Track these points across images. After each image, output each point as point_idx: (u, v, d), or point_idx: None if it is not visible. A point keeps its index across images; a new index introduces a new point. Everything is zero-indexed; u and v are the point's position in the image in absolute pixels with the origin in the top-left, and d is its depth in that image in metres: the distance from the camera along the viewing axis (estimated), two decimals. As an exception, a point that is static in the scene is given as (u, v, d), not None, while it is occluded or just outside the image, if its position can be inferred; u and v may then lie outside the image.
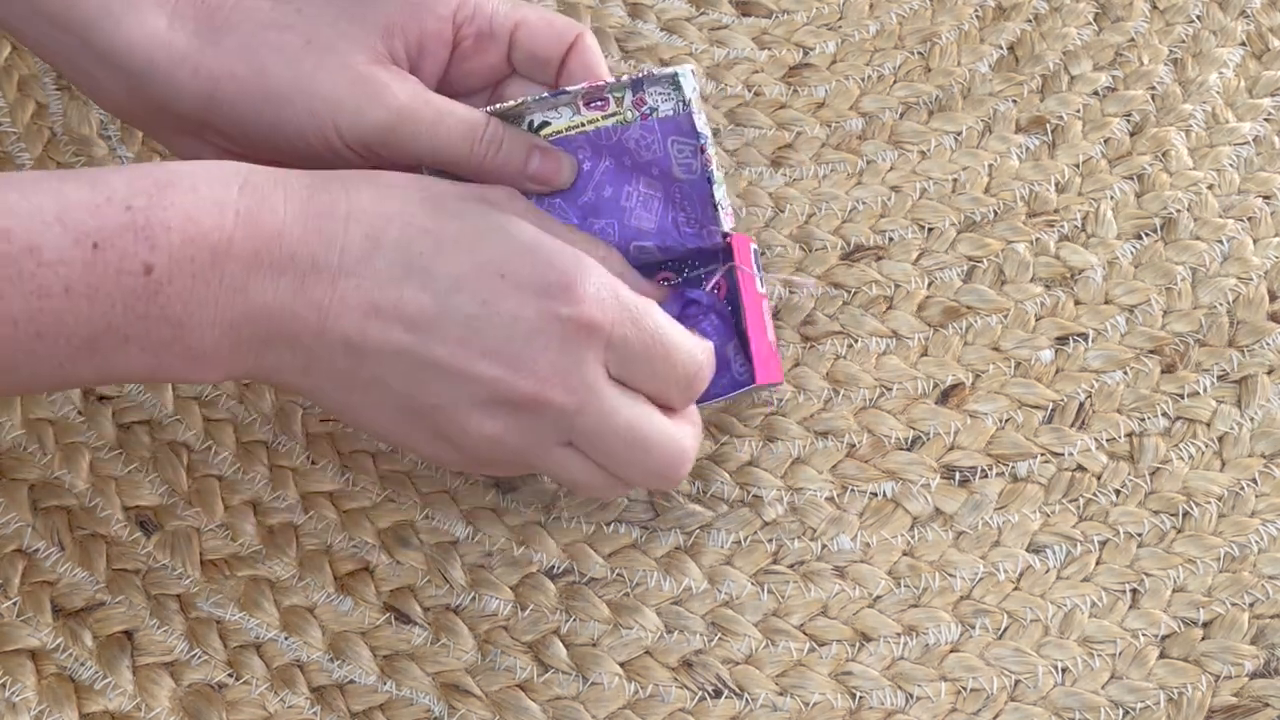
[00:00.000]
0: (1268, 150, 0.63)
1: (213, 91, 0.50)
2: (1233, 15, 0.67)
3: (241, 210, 0.44)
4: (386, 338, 0.45)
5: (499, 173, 0.52)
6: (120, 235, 0.42)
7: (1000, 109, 0.65)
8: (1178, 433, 0.57)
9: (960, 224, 0.62)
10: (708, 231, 0.55)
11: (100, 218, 0.42)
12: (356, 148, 0.51)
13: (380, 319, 0.45)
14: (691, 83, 0.53)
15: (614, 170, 0.55)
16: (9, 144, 0.65)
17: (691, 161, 0.54)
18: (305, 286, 0.44)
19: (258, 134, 0.51)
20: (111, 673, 0.53)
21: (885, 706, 0.53)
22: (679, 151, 0.54)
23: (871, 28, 0.68)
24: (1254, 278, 0.60)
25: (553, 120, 0.54)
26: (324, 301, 0.44)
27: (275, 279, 0.44)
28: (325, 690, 0.53)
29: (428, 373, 0.45)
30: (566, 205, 0.55)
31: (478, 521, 0.56)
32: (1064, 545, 0.55)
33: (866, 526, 0.56)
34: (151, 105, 0.51)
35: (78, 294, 0.42)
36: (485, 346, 0.45)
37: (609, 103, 0.54)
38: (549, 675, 0.53)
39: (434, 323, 0.45)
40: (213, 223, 0.43)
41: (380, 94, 0.50)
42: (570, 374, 0.46)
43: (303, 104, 0.50)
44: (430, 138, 0.51)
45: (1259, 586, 0.54)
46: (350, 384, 0.46)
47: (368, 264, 0.45)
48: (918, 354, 0.59)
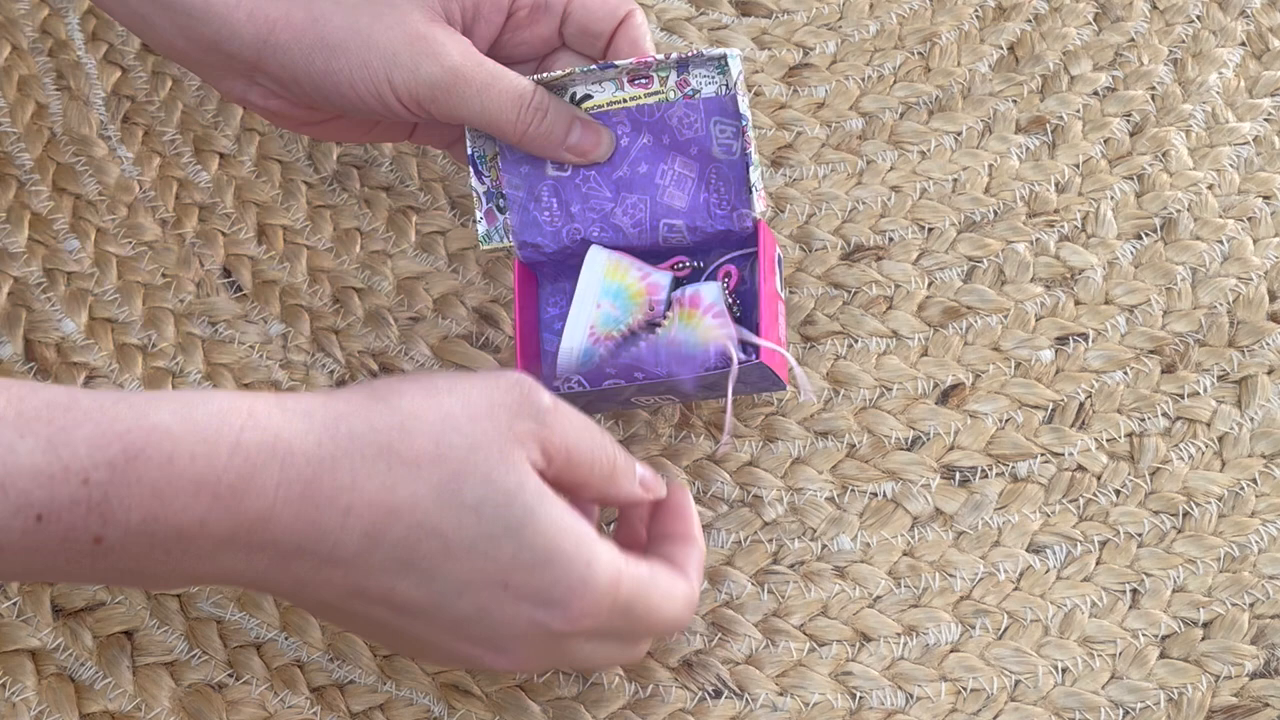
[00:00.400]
0: (1268, 150, 0.63)
1: (267, 36, 0.50)
2: (1233, 15, 0.67)
3: (223, 492, 0.39)
4: (369, 613, 0.43)
5: (541, 140, 0.53)
6: (70, 510, 0.37)
7: (1000, 109, 0.65)
8: (1178, 433, 0.57)
9: (960, 224, 0.62)
10: (738, 215, 0.55)
11: (51, 489, 0.37)
12: (408, 102, 0.51)
13: (365, 600, 0.42)
14: (738, 65, 0.54)
15: (652, 147, 0.56)
16: (9, 144, 0.65)
17: (732, 143, 0.55)
18: (285, 564, 0.41)
19: (309, 81, 0.51)
20: (111, 673, 0.53)
21: (885, 706, 0.53)
22: (721, 131, 0.55)
23: (871, 28, 0.68)
24: (1254, 278, 0.60)
25: (595, 94, 0.55)
26: (305, 578, 0.41)
27: (249, 556, 0.40)
28: (325, 690, 0.53)
29: (408, 636, 0.44)
30: (601, 179, 0.56)
31: (478, 521, 0.56)
32: (1064, 545, 0.55)
33: (866, 526, 0.56)
34: (204, 45, 0.51)
35: (13, 553, 0.38)
36: (473, 636, 0.44)
37: (653, 80, 0.55)
38: (549, 675, 0.53)
39: (424, 614, 0.43)
40: (184, 504, 0.38)
41: (435, 52, 0.51)
42: (545, 657, 0.46)
43: (357, 54, 0.50)
44: (479, 100, 0.51)
45: (1259, 586, 0.54)
46: (330, 614, 0.45)
47: (362, 559, 0.41)
48: (918, 354, 0.59)
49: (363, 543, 0.40)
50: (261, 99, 0.54)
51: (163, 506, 0.38)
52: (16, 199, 0.63)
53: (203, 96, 0.66)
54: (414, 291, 0.61)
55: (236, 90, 0.54)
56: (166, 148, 0.65)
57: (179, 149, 0.65)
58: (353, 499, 0.40)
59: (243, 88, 0.54)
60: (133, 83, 0.67)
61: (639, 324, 0.55)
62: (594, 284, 0.55)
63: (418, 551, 0.41)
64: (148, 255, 0.62)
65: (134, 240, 0.63)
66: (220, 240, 0.63)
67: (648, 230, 0.56)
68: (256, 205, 0.64)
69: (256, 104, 0.55)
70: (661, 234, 0.56)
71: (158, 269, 0.62)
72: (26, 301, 0.61)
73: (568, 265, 0.56)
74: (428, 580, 0.42)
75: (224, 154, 0.65)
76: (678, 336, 0.54)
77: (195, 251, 0.62)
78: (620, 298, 0.55)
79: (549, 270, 0.57)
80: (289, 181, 0.64)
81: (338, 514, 0.40)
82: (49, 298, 0.61)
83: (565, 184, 0.56)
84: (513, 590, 0.42)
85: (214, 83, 0.55)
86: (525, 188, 0.56)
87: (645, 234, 0.56)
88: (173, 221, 0.63)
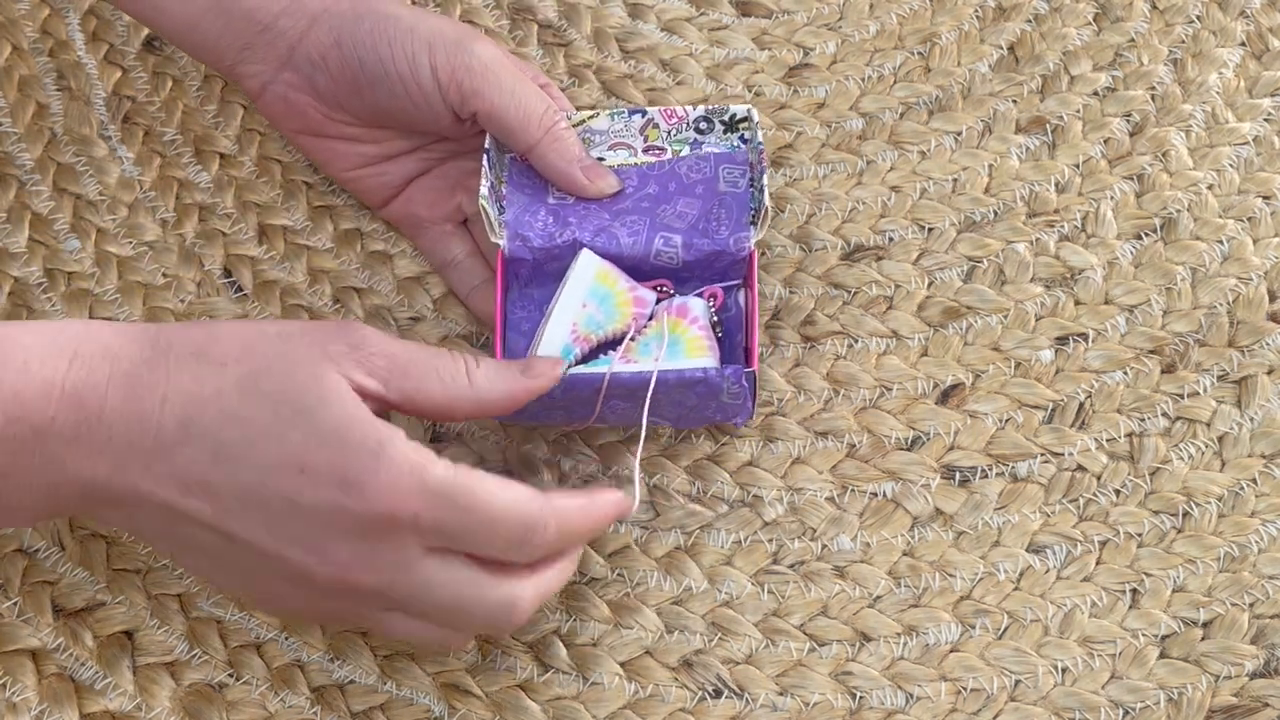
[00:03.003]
0: (1268, 150, 0.63)
1: (331, 4, 0.56)
2: (1233, 15, 0.67)
3: (67, 388, 0.45)
4: (200, 510, 0.45)
5: (560, 147, 0.57)
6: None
7: (1000, 109, 0.65)
8: (1178, 433, 0.57)
9: (960, 224, 0.62)
10: (735, 239, 0.56)
11: None
12: (444, 78, 0.56)
13: (193, 496, 0.45)
14: (756, 130, 0.58)
15: (656, 194, 0.58)
16: (9, 144, 0.65)
17: (739, 180, 0.58)
18: (122, 467, 0.45)
19: (351, 48, 0.56)
20: (111, 673, 0.53)
21: (885, 706, 0.53)
22: (728, 173, 0.58)
23: (871, 28, 0.68)
24: (1254, 278, 0.60)
25: (608, 158, 0.59)
26: (139, 483, 0.45)
27: (93, 458, 0.45)
28: (325, 690, 0.53)
29: (237, 548, 0.46)
30: (601, 207, 0.58)
31: (478, 521, 0.56)
32: (1064, 545, 0.55)
33: (866, 526, 0.56)
34: (247, 21, 0.56)
35: None
36: (290, 534, 0.45)
37: (666, 151, 0.59)
38: (549, 675, 0.53)
39: (242, 511, 0.45)
40: (37, 403, 0.44)
41: (477, 41, 0.56)
42: (373, 559, 0.45)
43: (407, 22, 0.56)
44: (514, 86, 0.56)
45: (1259, 586, 0.54)
46: (172, 540, 0.47)
47: (180, 449, 0.45)
48: (918, 354, 0.59)
49: (178, 432, 0.45)
50: (285, 88, 0.57)
51: (20, 407, 0.44)
52: (17, 199, 0.63)
53: (203, 97, 0.66)
54: (414, 291, 0.61)
55: (262, 76, 0.56)
56: (167, 148, 0.65)
57: (179, 149, 0.65)
58: (168, 390, 0.45)
59: (270, 74, 0.56)
60: (133, 83, 0.67)
61: (617, 333, 0.55)
62: (583, 284, 0.55)
63: (224, 440, 0.45)
64: (148, 255, 0.62)
65: (134, 240, 0.63)
66: (221, 240, 0.63)
67: (643, 243, 0.56)
68: (257, 205, 0.64)
69: (278, 94, 0.57)
70: (656, 248, 0.56)
71: (158, 269, 0.62)
72: (27, 301, 0.61)
73: (546, 270, 0.57)
74: (236, 470, 0.45)
75: (224, 154, 0.65)
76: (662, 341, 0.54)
77: (196, 252, 0.62)
78: (606, 303, 0.55)
79: (525, 273, 0.57)
80: (289, 182, 0.64)
81: (156, 402, 0.45)
82: (49, 298, 0.61)
83: (565, 209, 0.57)
84: (309, 474, 0.44)
85: (236, 68, 0.57)
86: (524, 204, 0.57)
87: (640, 245, 0.56)
88: (173, 222, 0.63)
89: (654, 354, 0.54)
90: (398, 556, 0.45)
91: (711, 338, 0.55)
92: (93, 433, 0.45)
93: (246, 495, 0.45)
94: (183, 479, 0.45)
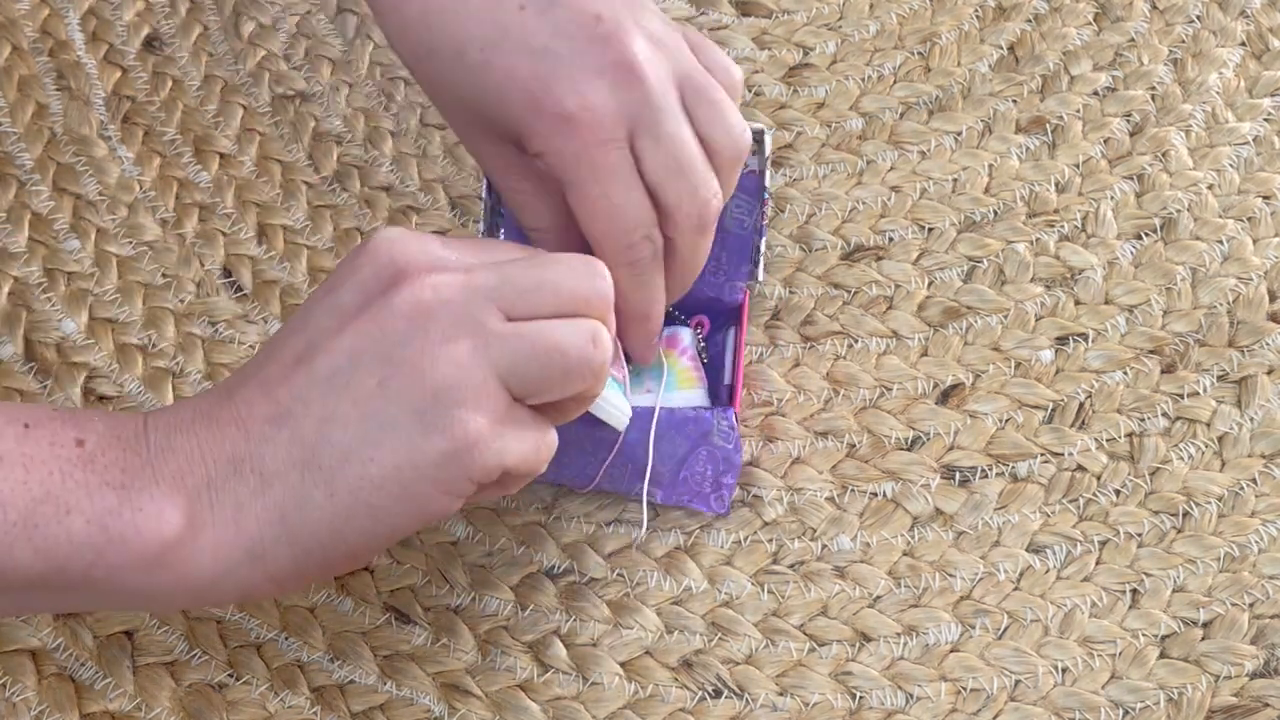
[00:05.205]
0: (1268, 150, 0.63)
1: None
2: (1233, 15, 0.67)
3: (146, 413, 0.45)
4: (292, 383, 0.43)
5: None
6: (49, 420, 0.43)
7: (1000, 109, 0.65)
8: (1178, 433, 0.57)
9: (960, 224, 0.62)
10: (730, 287, 0.56)
11: (28, 409, 0.43)
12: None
13: (278, 383, 0.43)
14: (769, 144, 0.56)
15: None
16: (9, 144, 0.65)
17: (745, 219, 0.56)
18: (216, 417, 0.44)
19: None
20: (111, 673, 0.53)
21: (885, 706, 0.53)
22: (737, 206, 0.57)
23: (871, 28, 0.68)
24: (1254, 278, 0.60)
25: None
26: (234, 413, 0.43)
27: (192, 428, 0.43)
28: (326, 690, 0.53)
29: (344, 367, 0.43)
30: None
31: (478, 522, 0.56)
32: (1064, 545, 0.55)
33: (866, 526, 0.56)
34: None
35: (12, 461, 0.41)
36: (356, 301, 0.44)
37: None
38: (549, 675, 0.53)
39: (313, 337, 0.44)
40: (125, 417, 0.44)
41: None
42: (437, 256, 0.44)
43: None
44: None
45: (1259, 586, 0.54)
46: (307, 449, 0.43)
47: (248, 375, 0.44)
48: (918, 354, 0.59)
49: (253, 367, 0.44)
50: None
51: (117, 416, 0.44)
52: (17, 199, 0.63)
53: (203, 97, 0.66)
54: (414, 291, 0.61)
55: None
56: (167, 148, 0.65)
57: (179, 149, 0.65)
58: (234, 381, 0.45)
59: None
60: (133, 83, 0.67)
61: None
62: None
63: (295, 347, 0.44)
64: (148, 255, 0.62)
65: (134, 240, 0.63)
66: (220, 240, 0.63)
67: None
68: (257, 205, 0.64)
69: None
70: None
71: (158, 269, 0.62)
72: (26, 301, 0.61)
73: None
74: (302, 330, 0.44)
75: (224, 154, 0.65)
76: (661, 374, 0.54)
77: (195, 251, 0.62)
78: None
79: None
80: (289, 181, 0.64)
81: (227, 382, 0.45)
82: (49, 298, 0.61)
83: None
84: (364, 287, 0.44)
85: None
86: None
87: None
88: (173, 221, 0.63)
89: (646, 386, 0.54)
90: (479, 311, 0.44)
91: (699, 367, 0.56)
92: (183, 415, 0.44)
93: (314, 320, 0.44)
94: (267, 377, 0.43)
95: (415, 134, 0.65)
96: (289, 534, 0.42)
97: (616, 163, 0.48)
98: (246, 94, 0.66)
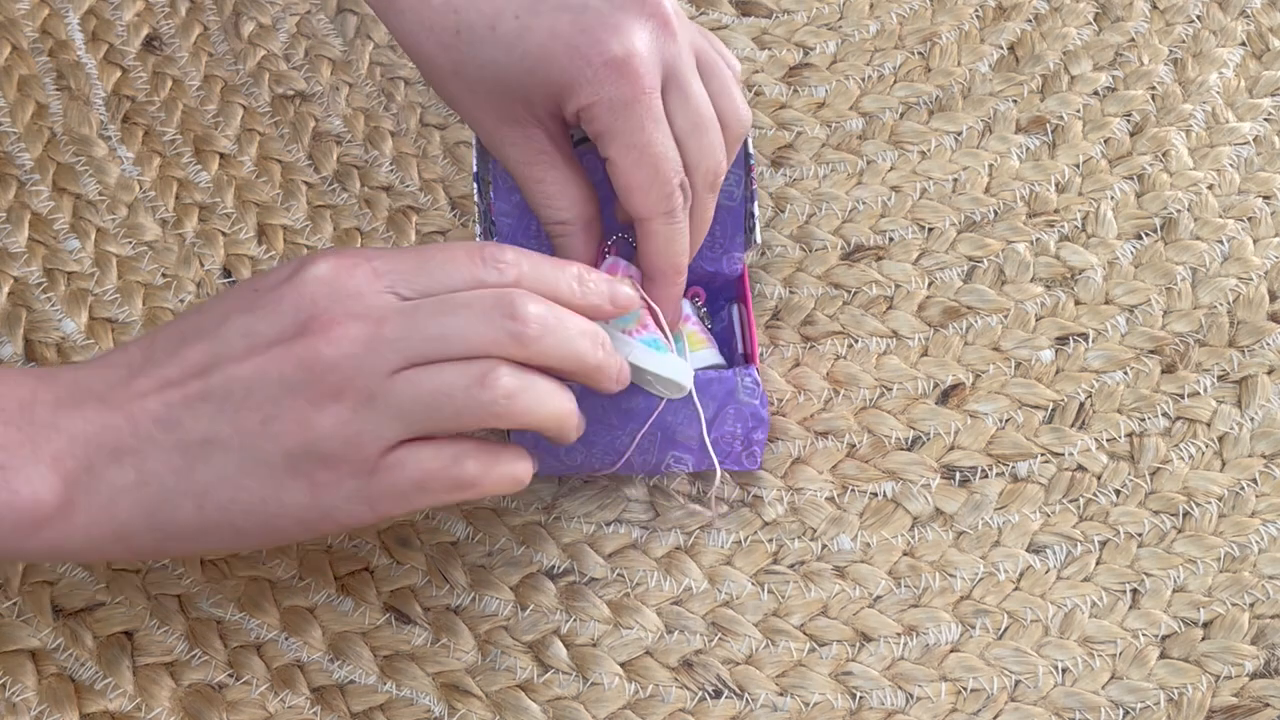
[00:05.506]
0: (1268, 150, 0.63)
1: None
2: (1233, 15, 0.67)
3: (42, 372, 0.46)
4: (186, 393, 0.45)
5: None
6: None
7: (1000, 109, 0.65)
8: (1178, 433, 0.57)
9: (960, 224, 0.62)
10: (729, 258, 0.56)
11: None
12: None
13: (175, 387, 0.45)
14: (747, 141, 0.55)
15: None
16: (9, 144, 0.65)
17: (734, 189, 0.56)
18: (106, 403, 0.45)
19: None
20: (111, 673, 0.53)
21: (885, 706, 0.53)
22: (726, 180, 0.55)
23: (871, 28, 0.68)
24: (1254, 278, 0.60)
25: None
26: (125, 401, 0.45)
27: (81, 410, 0.45)
28: (325, 690, 0.53)
29: (237, 395, 0.45)
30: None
31: (478, 522, 0.56)
32: (1064, 545, 0.55)
33: (866, 526, 0.56)
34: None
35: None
36: (267, 336, 0.45)
37: None
38: (549, 675, 0.53)
39: (217, 352, 0.45)
40: (16, 382, 0.45)
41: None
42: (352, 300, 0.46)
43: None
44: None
45: (1259, 586, 0.54)
46: (187, 461, 0.45)
47: (149, 359, 0.46)
48: (918, 354, 0.59)
49: (142, 352, 0.46)
50: None
51: (4, 382, 0.45)
52: (16, 199, 0.63)
53: (203, 97, 0.66)
54: (414, 291, 0.61)
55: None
56: (167, 148, 0.65)
57: (179, 149, 0.65)
58: (128, 346, 0.47)
59: None
60: (133, 83, 0.67)
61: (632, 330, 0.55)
62: None
63: (183, 331, 0.46)
64: (148, 255, 0.62)
65: (134, 240, 0.63)
66: (220, 240, 0.63)
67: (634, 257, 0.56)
68: (257, 205, 0.64)
69: None
70: None
71: (158, 269, 0.62)
72: (26, 301, 0.61)
73: None
74: (200, 334, 0.46)
75: (224, 154, 0.65)
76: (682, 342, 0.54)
77: (195, 251, 0.62)
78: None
79: None
80: (289, 181, 0.64)
81: (120, 352, 0.47)
82: (49, 298, 0.61)
83: None
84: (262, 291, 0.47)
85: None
86: (515, 215, 0.56)
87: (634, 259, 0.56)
88: (173, 221, 0.63)
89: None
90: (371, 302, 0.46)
91: (705, 330, 0.56)
92: (72, 393, 0.45)
93: (217, 340, 0.45)
94: (161, 377, 0.45)
95: (415, 134, 0.65)
96: (156, 529, 0.45)
97: (659, 110, 0.49)
98: (246, 94, 0.66)
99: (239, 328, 0.45)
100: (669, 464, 0.54)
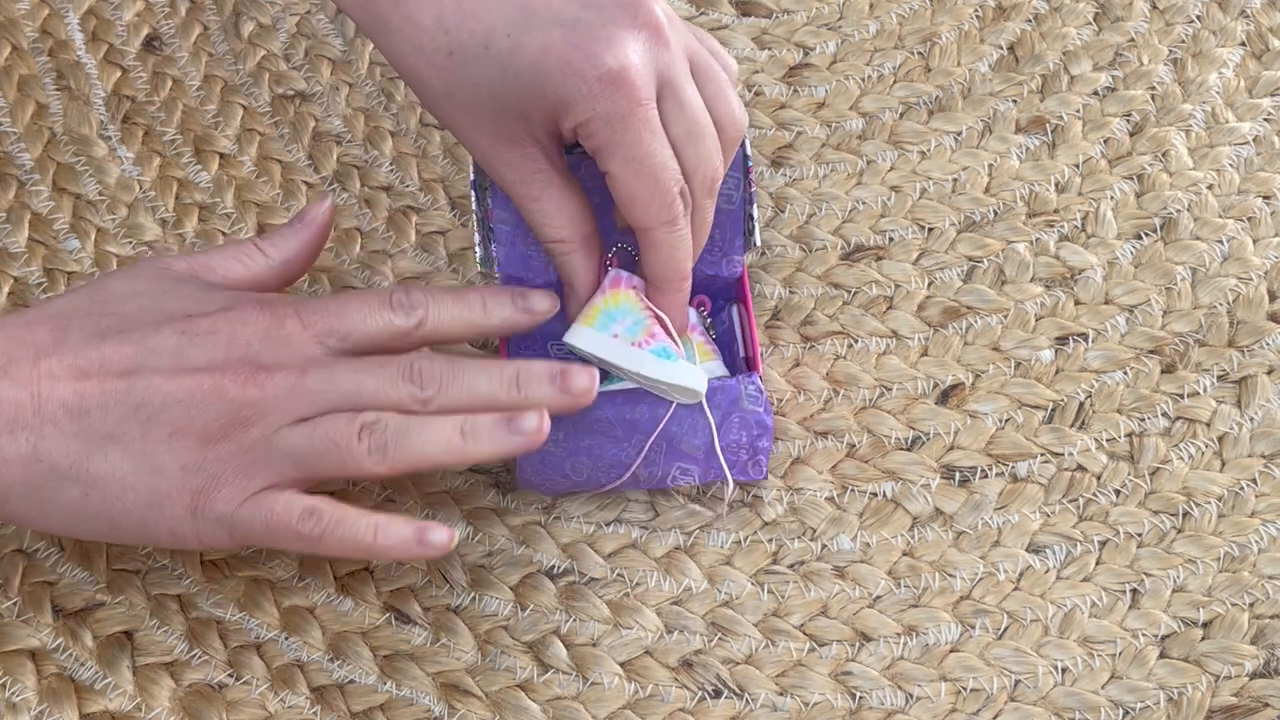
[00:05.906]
0: (1268, 150, 0.63)
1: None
2: (1233, 15, 0.67)
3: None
4: (103, 388, 0.47)
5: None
6: None
7: (1000, 109, 0.65)
8: (1178, 433, 0.57)
9: (960, 224, 0.62)
10: (728, 262, 0.56)
11: None
12: None
13: (91, 379, 0.47)
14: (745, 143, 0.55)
15: None
16: (9, 144, 0.65)
17: (733, 193, 0.56)
18: (14, 377, 0.46)
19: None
20: (111, 673, 0.53)
21: (885, 706, 0.53)
22: (724, 184, 0.55)
23: (871, 28, 0.68)
24: (1254, 278, 0.60)
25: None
26: (31, 379, 0.46)
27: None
28: (325, 690, 0.53)
29: (154, 404, 0.47)
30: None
31: (478, 522, 0.56)
32: (1064, 545, 0.55)
33: (866, 526, 0.56)
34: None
35: None
36: (196, 362, 0.47)
37: None
38: (549, 675, 0.53)
39: (143, 360, 0.47)
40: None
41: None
42: (281, 348, 0.48)
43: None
44: None
45: (1259, 586, 0.54)
46: (85, 451, 0.47)
47: (62, 342, 0.47)
48: (918, 354, 0.59)
49: (54, 334, 0.47)
50: None
51: None
52: (16, 199, 0.63)
53: (203, 97, 0.66)
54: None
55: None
56: (167, 148, 0.65)
57: (179, 149, 0.65)
58: (28, 316, 0.48)
59: None
60: (133, 83, 0.67)
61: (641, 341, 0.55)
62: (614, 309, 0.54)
63: (101, 326, 0.48)
64: (148, 255, 0.62)
65: (134, 240, 0.63)
66: (220, 240, 0.63)
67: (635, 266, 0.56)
68: (257, 205, 0.64)
69: None
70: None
71: (158, 269, 0.62)
72: (27, 301, 0.61)
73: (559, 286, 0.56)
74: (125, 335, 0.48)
75: (224, 154, 0.65)
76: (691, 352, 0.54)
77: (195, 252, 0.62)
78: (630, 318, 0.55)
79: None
80: (289, 182, 0.64)
81: (22, 327, 0.48)
82: (49, 298, 0.61)
83: None
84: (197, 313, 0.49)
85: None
86: (514, 222, 0.56)
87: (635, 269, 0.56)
88: (173, 222, 0.63)
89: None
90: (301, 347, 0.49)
91: (711, 341, 0.56)
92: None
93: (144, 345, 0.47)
94: (76, 363, 0.46)
95: (415, 134, 0.65)
96: (36, 503, 0.47)
97: (656, 122, 0.49)
98: (246, 94, 0.66)
99: (170, 346, 0.47)
100: (674, 476, 0.54)
